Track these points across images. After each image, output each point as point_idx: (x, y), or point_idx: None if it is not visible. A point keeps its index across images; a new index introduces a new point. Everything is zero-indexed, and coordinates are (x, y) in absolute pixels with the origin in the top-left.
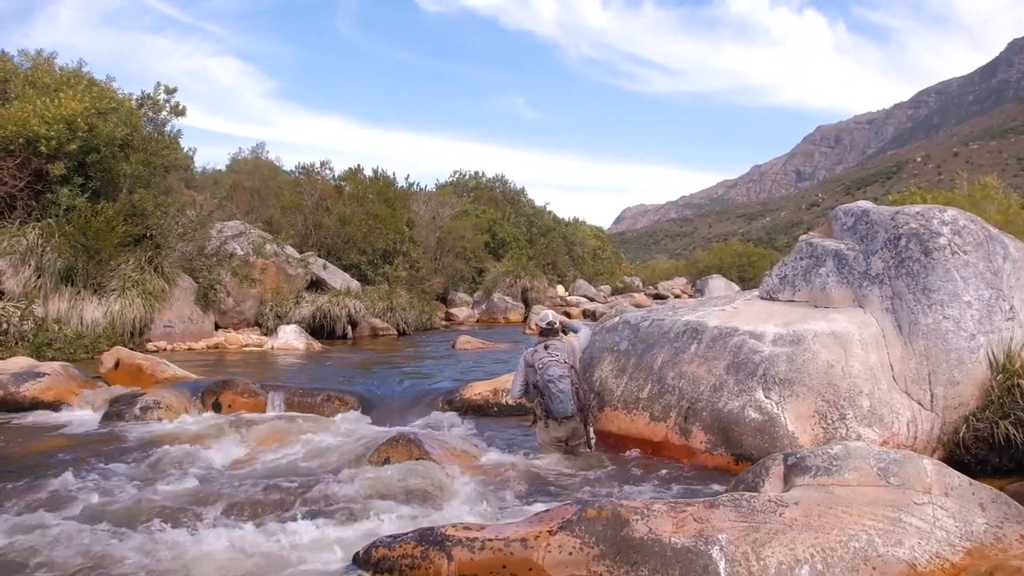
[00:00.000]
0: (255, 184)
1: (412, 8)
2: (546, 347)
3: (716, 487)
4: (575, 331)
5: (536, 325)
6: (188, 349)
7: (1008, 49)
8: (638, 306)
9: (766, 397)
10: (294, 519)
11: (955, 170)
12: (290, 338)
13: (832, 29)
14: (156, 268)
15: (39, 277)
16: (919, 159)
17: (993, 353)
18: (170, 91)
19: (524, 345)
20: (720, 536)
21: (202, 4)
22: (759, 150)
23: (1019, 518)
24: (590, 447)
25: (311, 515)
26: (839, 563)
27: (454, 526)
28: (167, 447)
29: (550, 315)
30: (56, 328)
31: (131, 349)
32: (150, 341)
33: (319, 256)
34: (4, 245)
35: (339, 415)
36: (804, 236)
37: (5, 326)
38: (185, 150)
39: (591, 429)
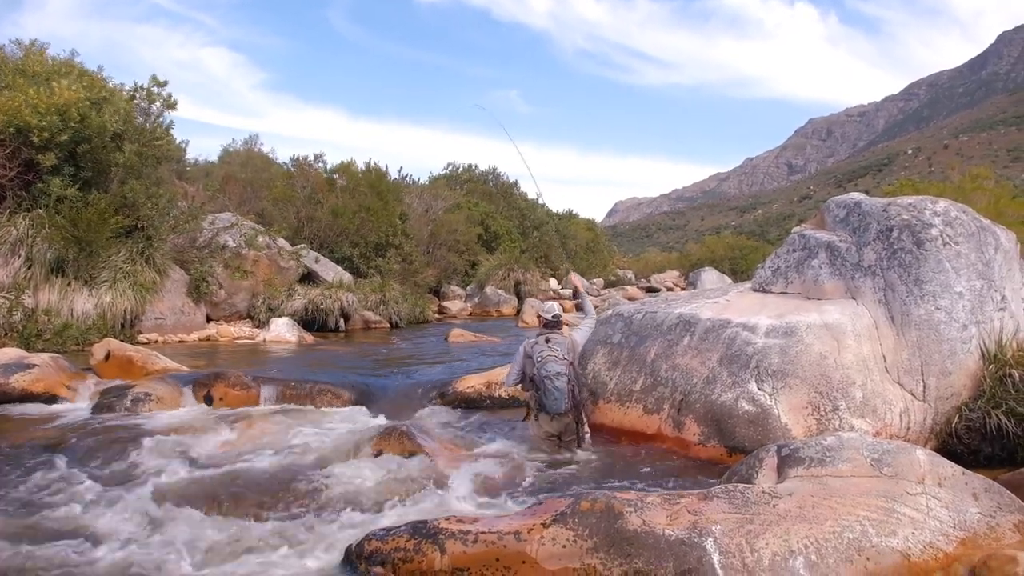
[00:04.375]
0: (247, 176)
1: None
2: (547, 340)
3: (709, 479)
4: (586, 313)
5: (540, 316)
6: (179, 341)
7: (998, 42)
8: (631, 299)
9: (759, 389)
10: (285, 512)
11: (945, 162)
12: (282, 331)
13: (824, 21)
14: (148, 260)
15: (29, 268)
16: (910, 151)
17: (985, 343)
18: (161, 84)
19: (517, 338)
20: (714, 528)
21: None
22: (751, 143)
23: (1012, 507)
24: (580, 444)
25: (303, 508)
26: (833, 554)
27: (447, 519)
28: (158, 439)
29: (556, 307)
30: (46, 319)
31: (122, 341)
32: (141, 333)
33: (311, 249)
34: None
35: (331, 408)
36: (797, 228)
37: None
38: (177, 142)
39: (584, 426)
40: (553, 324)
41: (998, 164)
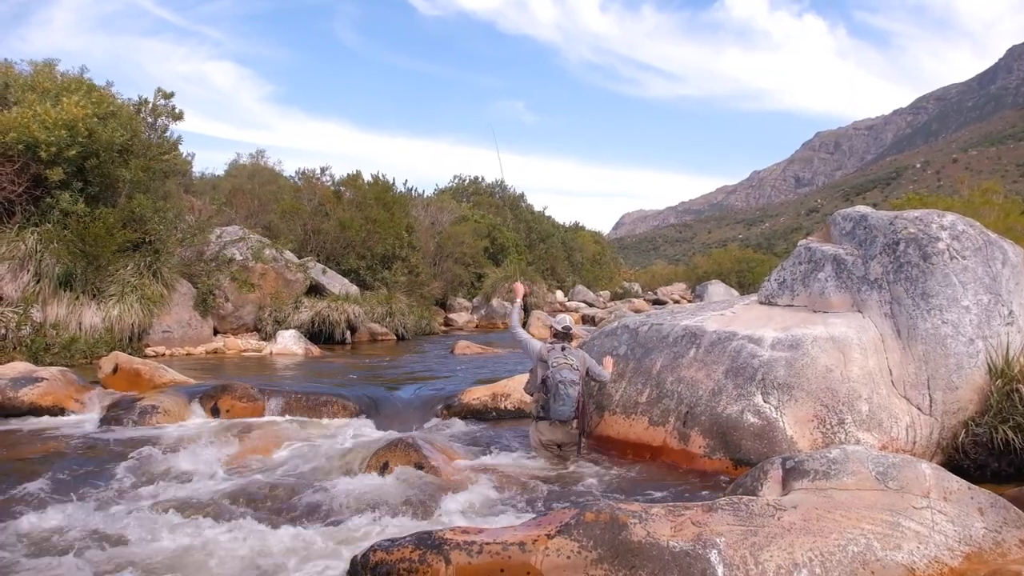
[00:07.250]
0: (254, 189)
1: (409, 12)
2: (563, 349)
3: (714, 491)
4: (603, 379)
5: (551, 327)
6: (187, 354)
7: (1007, 55)
8: (637, 311)
9: (765, 402)
10: (292, 524)
11: (954, 176)
12: (289, 343)
13: (832, 33)
14: (155, 273)
15: (38, 282)
16: (918, 165)
17: (992, 358)
18: (167, 96)
19: (524, 350)
20: (718, 540)
21: (199, 8)
22: (758, 156)
23: (1018, 523)
24: (579, 454)
25: (309, 520)
26: (837, 567)
27: (452, 530)
28: (165, 451)
29: (567, 320)
30: (54, 333)
31: (130, 354)
32: (148, 346)
33: (318, 261)
34: (2, 250)
35: (338, 420)
36: (803, 241)
37: (3, 331)
38: (184, 155)
39: (584, 438)
40: (563, 335)
41: (1007, 179)
